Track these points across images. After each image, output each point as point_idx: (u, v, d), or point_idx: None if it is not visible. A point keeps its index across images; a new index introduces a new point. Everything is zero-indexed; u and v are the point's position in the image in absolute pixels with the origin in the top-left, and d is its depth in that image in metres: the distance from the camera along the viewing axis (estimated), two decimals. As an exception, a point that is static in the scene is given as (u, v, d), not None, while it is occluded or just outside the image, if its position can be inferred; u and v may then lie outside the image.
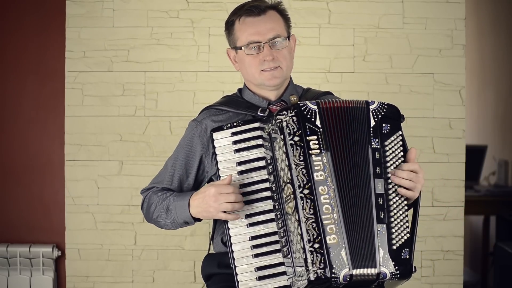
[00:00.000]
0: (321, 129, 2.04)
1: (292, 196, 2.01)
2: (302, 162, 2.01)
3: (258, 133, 2.13)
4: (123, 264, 3.41)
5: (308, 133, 2.03)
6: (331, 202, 2.00)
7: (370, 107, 2.09)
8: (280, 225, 2.05)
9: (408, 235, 2.03)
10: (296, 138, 2.02)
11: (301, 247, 1.98)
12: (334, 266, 1.95)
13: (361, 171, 2.03)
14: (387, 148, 2.07)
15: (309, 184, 1.99)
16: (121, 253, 3.40)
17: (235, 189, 2.08)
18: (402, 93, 3.40)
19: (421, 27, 3.40)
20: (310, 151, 2.02)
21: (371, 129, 2.07)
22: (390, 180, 2.05)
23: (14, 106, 3.55)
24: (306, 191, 1.99)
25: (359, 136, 2.06)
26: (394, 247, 2.01)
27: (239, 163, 2.12)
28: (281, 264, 2.05)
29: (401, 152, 2.08)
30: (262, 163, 2.11)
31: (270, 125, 2.08)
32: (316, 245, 1.96)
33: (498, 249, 4.33)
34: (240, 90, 2.35)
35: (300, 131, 2.02)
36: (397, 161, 2.07)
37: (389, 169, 2.05)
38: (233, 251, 2.07)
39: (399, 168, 2.06)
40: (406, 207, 2.05)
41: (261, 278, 2.05)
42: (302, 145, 2.02)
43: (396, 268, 2.00)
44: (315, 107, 2.06)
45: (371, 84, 3.40)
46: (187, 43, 3.40)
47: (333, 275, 1.95)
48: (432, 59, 3.40)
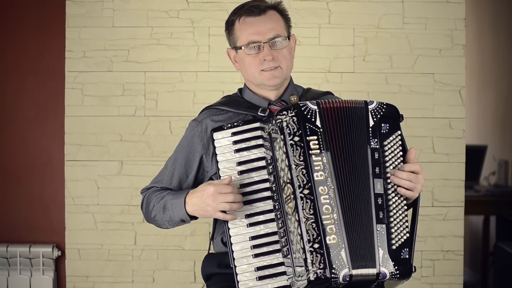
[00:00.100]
0: (321, 129, 2.04)
1: (292, 196, 2.00)
2: (302, 162, 2.01)
3: (258, 133, 2.13)
4: (123, 264, 3.40)
5: (308, 133, 2.03)
6: (331, 202, 2.00)
7: (369, 107, 2.09)
8: (280, 225, 2.05)
9: (408, 235, 2.03)
10: (296, 138, 2.02)
11: (301, 247, 1.98)
12: (334, 266, 1.95)
13: (361, 171, 2.03)
14: (386, 148, 2.07)
15: (309, 184, 1.99)
16: (121, 253, 3.40)
17: (234, 189, 2.07)
18: (402, 93, 3.40)
19: (421, 27, 3.40)
20: (310, 151, 2.02)
21: (370, 129, 2.06)
22: (390, 180, 2.05)
23: (14, 106, 3.55)
24: (306, 191, 1.99)
25: (358, 136, 2.06)
26: (394, 247, 2.01)
27: (239, 163, 2.11)
28: (281, 264, 2.05)
29: (400, 152, 2.08)
30: (262, 163, 2.11)
31: (270, 125, 2.08)
32: (316, 245, 1.96)
33: (498, 249, 4.33)
34: (240, 90, 2.35)
35: (300, 131, 2.02)
36: (396, 161, 2.07)
37: (388, 169, 2.05)
38: (233, 251, 2.07)
39: (399, 169, 2.06)
40: (405, 207, 2.05)
41: (261, 278, 2.05)
42: (302, 145, 2.02)
43: (396, 268, 2.00)
44: (315, 107, 2.05)
45: (371, 84, 3.40)
46: (187, 43, 3.40)
47: (333, 275, 1.95)
48: (432, 59, 3.40)
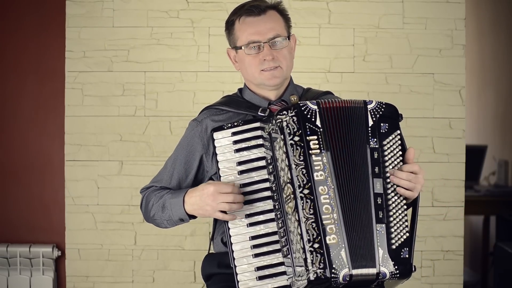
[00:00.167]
0: (321, 129, 2.04)
1: (292, 196, 2.00)
2: (302, 162, 2.01)
3: (258, 133, 2.13)
4: (123, 264, 3.40)
5: (308, 133, 2.03)
6: (331, 202, 2.00)
7: (368, 106, 2.09)
8: (280, 225, 2.05)
9: (408, 234, 2.03)
10: (296, 138, 2.02)
11: (301, 247, 1.98)
12: (334, 266, 1.95)
13: (360, 171, 2.03)
14: (386, 147, 2.07)
15: (309, 184, 1.99)
16: (121, 253, 3.40)
17: (235, 189, 2.07)
18: (402, 93, 3.40)
19: (421, 27, 3.40)
20: (310, 151, 2.02)
21: (369, 129, 2.06)
22: (389, 180, 2.05)
23: (14, 106, 3.55)
24: (306, 191, 1.99)
25: (357, 136, 2.06)
26: (394, 246, 2.01)
27: (240, 163, 2.11)
28: (281, 264, 2.05)
29: (400, 152, 2.08)
30: (262, 163, 2.11)
31: (270, 125, 2.08)
32: (316, 245, 1.96)
33: (498, 249, 4.33)
34: (240, 90, 2.35)
35: (300, 131, 2.02)
36: (395, 160, 2.07)
37: (387, 168, 2.05)
38: (233, 251, 2.07)
39: (399, 169, 2.06)
40: (405, 206, 2.05)
41: (261, 278, 2.05)
42: (302, 145, 2.02)
43: (396, 267, 2.00)
44: (315, 107, 2.05)
45: (371, 84, 3.40)
46: (187, 43, 3.40)
47: (332, 275, 1.95)
48: (432, 59, 3.40)
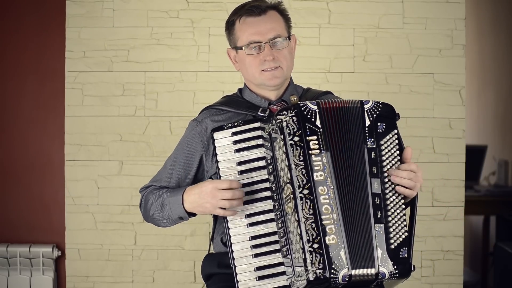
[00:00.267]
0: (321, 129, 2.04)
1: (291, 196, 2.01)
2: (302, 162, 2.01)
3: (258, 133, 2.13)
4: (123, 264, 3.40)
5: (308, 133, 2.03)
6: (331, 202, 2.00)
7: (365, 106, 2.09)
8: (280, 225, 2.05)
9: (406, 234, 2.03)
10: (296, 138, 2.02)
11: (300, 247, 1.98)
12: (333, 267, 1.95)
13: (358, 171, 2.03)
14: (383, 147, 2.07)
15: (309, 184, 1.99)
16: (121, 253, 3.40)
17: (233, 184, 2.07)
18: (402, 93, 3.40)
19: (421, 27, 3.40)
20: (310, 151, 2.02)
21: (367, 129, 2.06)
22: (387, 180, 2.04)
23: (14, 106, 3.55)
24: (305, 191, 1.99)
25: (355, 136, 2.06)
26: (392, 246, 2.01)
27: (240, 163, 2.11)
28: (281, 264, 2.05)
29: (397, 151, 2.08)
30: (262, 163, 2.11)
31: (270, 125, 2.08)
32: (316, 245, 1.96)
33: (498, 249, 4.33)
34: (240, 90, 2.35)
35: (300, 131, 2.02)
36: (393, 160, 2.07)
37: (385, 168, 2.05)
38: (233, 251, 2.07)
39: (398, 168, 2.06)
40: (403, 206, 2.05)
41: (260, 278, 2.05)
42: (302, 145, 2.02)
43: (395, 267, 2.00)
44: (315, 107, 2.06)
45: (371, 84, 3.40)
46: (187, 43, 3.40)
47: (332, 275, 1.95)
48: (432, 59, 3.40)
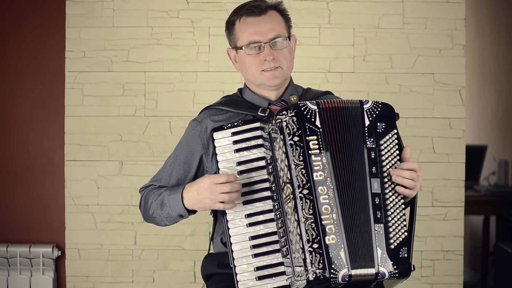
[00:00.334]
0: (320, 129, 2.04)
1: (291, 196, 2.01)
2: (301, 162, 2.01)
3: (258, 133, 2.13)
4: (123, 264, 3.40)
5: (308, 133, 2.03)
6: (330, 202, 2.00)
7: (364, 106, 2.09)
8: (280, 225, 2.05)
9: (406, 233, 2.03)
10: (296, 138, 2.02)
11: (300, 247, 1.98)
12: (333, 266, 1.95)
13: (358, 171, 2.03)
14: (383, 147, 2.07)
15: (309, 184, 1.99)
16: (121, 253, 3.40)
17: (230, 177, 2.06)
18: (402, 93, 3.39)
19: (421, 27, 3.40)
20: (309, 151, 2.02)
21: (366, 129, 2.06)
22: (387, 180, 2.04)
23: (14, 106, 3.55)
24: (305, 191, 1.99)
25: (354, 136, 2.06)
26: (392, 246, 2.01)
27: (239, 163, 2.11)
28: (281, 264, 2.05)
29: (397, 151, 2.08)
30: (262, 163, 2.11)
31: (270, 125, 2.08)
32: (315, 245, 1.96)
33: (498, 249, 4.33)
34: (240, 90, 2.35)
35: (300, 131, 2.02)
36: (393, 159, 2.07)
37: (385, 168, 2.05)
38: (232, 251, 2.07)
39: (399, 167, 2.06)
40: (403, 206, 2.05)
41: (260, 278, 2.05)
42: (302, 145, 2.02)
43: (395, 267, 2.00)
44: (315, 107, 2.06)
45: (371, 84, 3.40)
46: (187, 43, 3.40)
47: (332, 275, 1.95)
48: (432, 59, 3.40)
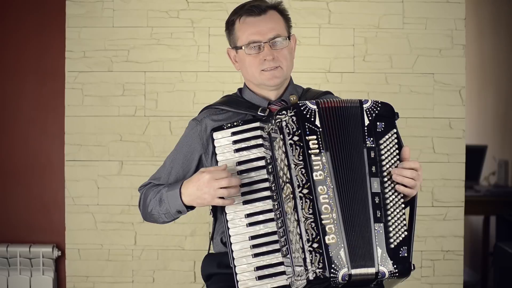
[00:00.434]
0: (320, 129, 2.04)
1: (291, 195, 2.01)
2: (301, 162, 2.01)
3: (258, 132, 2.13)
4: (123, 264, 3.40)
5: (308, 132, 2.03)
6: (330, 201, 2.00)
7: (364, 106, 2.09)
8: (280, 224, 2.05)
9: (406, 233, 2.03)
10: (296, 138, 2.02)
11: (300, 246, 1.98)
12: (333, 266, 1.95)
13: (357, 171, 2.03)
14: (382, 146, 2.07)
15: (308, 184, 1.99)
16: (121, 253, 3.40)
17: (229, 173, 2.07)
18: (402, 93, 3.40)
19: (421, 27, 3.40)
20: (309, 151, 2.02)
21: (366, 128, 2.07)
22: (387, 179, 2.05)
23: (14, 106, 3.55)
24: (305, 191, 1.99)
25: (354, 135, 2.06)
26: (392, 245, 2.01)
27: (239, 163, 2.11)
28: (281, 263, 2.05)
29: (396, 150, 2.08)
30: (262, 162, 2.11)
31: (270, 124, 2.08)
32: (315, 245, 1.96)
33: (498, 249, 4.33)
34: (240, 90, 2.35)
35: (299, 131, 2.02)
36: (392, 159, 2.07)
37: (384, 167, 2.05)
38: (232, 251, 2.07)
39: (400, 166, 2.06)
40: (402, 205, 2.05)
41: (260, 278, 2.05)
42: (302, 144, 2.02)
43: (395, 266, 2.00)
44: (314, 107, 2.06)
45: (371, 84, 3.40)
46: (187, 43, 3.40)
47: (332, 275, 1.95)
48: (432, 59, 3.40)
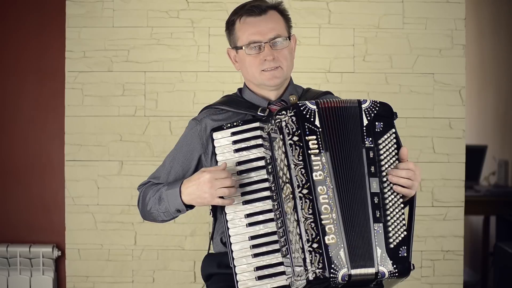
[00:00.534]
0: (320, 129, 2.04)
1: (291, 196, 2.00)
2: (301, 162, 2.01)
3: (257, 133, 2.13)
4: (123, 264, 3.41)
5: (307, 133, 2.03)
6: (330, 202, 2.00)
7: (362, 106, 2.09)
8: (279, 225, 2.05)
9: (405, 233, 2.03)
10: (295, 138, 2.02)
11: (300, 247, 1.98)
12: (332, 266, 1.95)
13: (356, 171, 2.03)
14: (381, 146, 2.07)
15: (308, 184, 1.99)
16: (121, 253, 3.40)
17: (229, 173, 2.07)
18: (402, 93, 3.40)
19: (421, 27, 3.40)
20: (309, 151, 2.02)
21: (364, 128, 2.07)
22: (385, 179, 2.05)
23: (14, 106, 3.55)
24: (305, 191, 1.99)
25: (353, 135, 2.06)
26: (392, 245, 2.01)
27: (239, 163, 2.11)
28: (280, 264, 2.05)
29: (395, 150, 2.08)
30: (261, 163, 2.11)
31: (269, 125, 2.08)
32: (315, 245, 1.96)
33: (498, 249, 4.33)
34: (240, 90, 2.35)
35: (299, 131, 2.02)
36: (391, 159, 2.07)
37: (383, 167, 2.05)
38: (232, 251, 2.07)
39: (396, 167, 2.06)
40: (402, 205, 2.05)
41: (260, 278, 2.05)
42: (301, 145, 2.02)
43: (394, 266, 2.00)
44: (314, 107, 2.06)
45: (371, 84, 3.40)
46: (187, 43, 3.40)
47: (331, 275, 1.95)
48: (432, 59, 3.40)
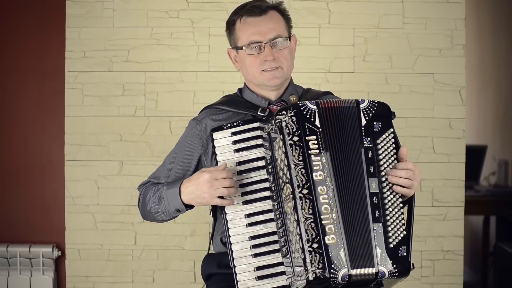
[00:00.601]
0: (320, 129, 2.04)
1: (291, 196, 2.01)
2: (301, 162, 2.01)
3: (258, 133, 2.13)
4: (123, 264, 3.41)
5: (308, 133, 2.03)
6: (330, 202, 2.00)
7: (361, 106, 2.09)
8: (279, 225, 2.05)
9: (405, 232, 2.03)
10: (295, 138, 2.02)
11: (300, 247, 1.98)
12: (332, 266, 1.95)
13: (356, 171, 2.03)
14: (380, 146, 2.07)
15: (308, 184, 2.00)
16: (121, 253, 3.40)
17: (229, 173, 2.08)
18: (402, 93, 3.40)
19: (421, 27, 3.40)
20: (309, 151, 2.02)
21: (363, 128, 2.07)
22: (384, 179, 2.05)
23: (14, 106, 3.55)
24: (305, 191, 1.99)
25: (352, 135, 2.06)
26: (391, 245, 2.01)
27: (239, 163, 2.11)
28: (280, 264, 2.05)
29: (394, 150, 2.08)
30: (261, 163, 2.11)
31: (270, 125, 2.08)
32: (315, 245, 1.96)
33: (498, 249, 4.33)
34: (240, 90, 2.35)
35: (299, 131, 2.03)
36: (390, 159, 2.07)
37: (382, 167, 2.06)
38: (232, 251, 2.07)
39: (395, 167, 2.06)
40: (401, 205, 2.06)
41: (260, 278, 2.05)
42: (301, 145, 2.02)
43: (394, 266, 2.00)
44: (314, 107, 2.06)
45: (371, 84, 3.40)
46: (187, 43, 3.40)
47: (331, 275, 1.95)
48: (432, 59, 3.40)
